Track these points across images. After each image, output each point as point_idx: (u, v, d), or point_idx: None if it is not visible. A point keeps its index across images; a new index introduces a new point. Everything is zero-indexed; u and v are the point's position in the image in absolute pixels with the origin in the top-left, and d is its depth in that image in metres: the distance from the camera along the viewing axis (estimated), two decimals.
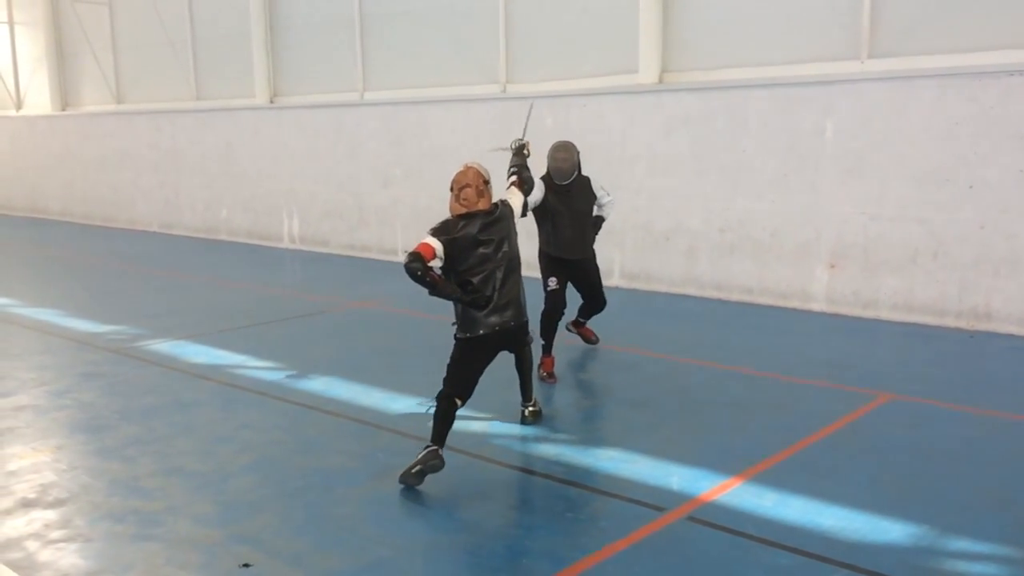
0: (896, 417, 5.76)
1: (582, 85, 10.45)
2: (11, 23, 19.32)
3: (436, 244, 4.77)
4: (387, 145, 12.39)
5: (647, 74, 9.82)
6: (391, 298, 9.84)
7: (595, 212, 6.97)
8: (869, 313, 8.44)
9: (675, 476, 4.81)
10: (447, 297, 4.81)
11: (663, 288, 9.84)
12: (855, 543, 4.03)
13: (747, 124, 9.04)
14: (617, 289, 10.01)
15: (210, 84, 15.52)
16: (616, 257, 10.13)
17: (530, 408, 5.69)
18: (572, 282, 7.04)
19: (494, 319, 4.87)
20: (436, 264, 4.79)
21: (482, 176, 4.97)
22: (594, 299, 7.16)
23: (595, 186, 6.87)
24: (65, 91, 18.59)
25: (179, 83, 15.93)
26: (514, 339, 5.13)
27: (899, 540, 4.06)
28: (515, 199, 5.36)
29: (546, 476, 4.87)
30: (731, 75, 9.34)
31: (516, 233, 5.16)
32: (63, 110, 18.61)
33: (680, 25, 9.69)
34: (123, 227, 17.02)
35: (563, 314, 6.85)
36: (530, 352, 5.56)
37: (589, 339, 7.54)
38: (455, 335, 4.95)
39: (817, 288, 8.77)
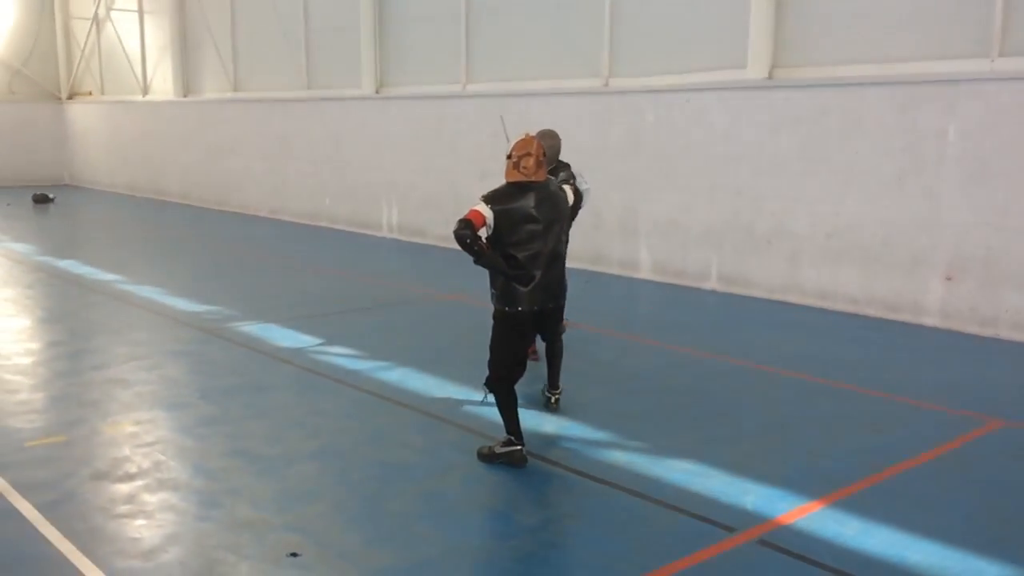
0: (1006, 447, 5.25)
1: (686, 80, 10.06)
2: (141, 12, 20.23)
3: (488, 212, 4.69)
4: (487, 137, 12.29)
5: (756, 69, 9.36)
6: (479, 292, 9.70)
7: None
8: (988, 331, 7.79)
9: (751, 495, 4.50)
10: (492, 268, 4.75)
11: (761, 294, 9.37)
12: None
13: (862, 124, 8.50)
14: (713, 292, 9.64)
15: (320, 74, 15.82)
16: (713, 259, 9.74)
17: (556, 395, 5.74)
18: None
19: (535, 296, 4.80)
20: (483, 233, 4.72)
21: (543, 149, 4.89)
22: None
23: (575, 171, 6.32)
24: (188, 78, 19.33)
25: (292, 72, 16.30)
26: (550, 321, 5.10)
27: None
28: (570, 190, 5.32)
29: (612, 485, 4.64)
30: (847, 72, 8.78)
31: (569, 223, 5.18)
32: (185, 96, 19.37)
33: (794, 18, 9.19)
34: (234, 211, 17.57)
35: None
36: (562, 341, 5.55)
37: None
38: (494, 303, 4.87)
39: (931, 301, 8.17)
